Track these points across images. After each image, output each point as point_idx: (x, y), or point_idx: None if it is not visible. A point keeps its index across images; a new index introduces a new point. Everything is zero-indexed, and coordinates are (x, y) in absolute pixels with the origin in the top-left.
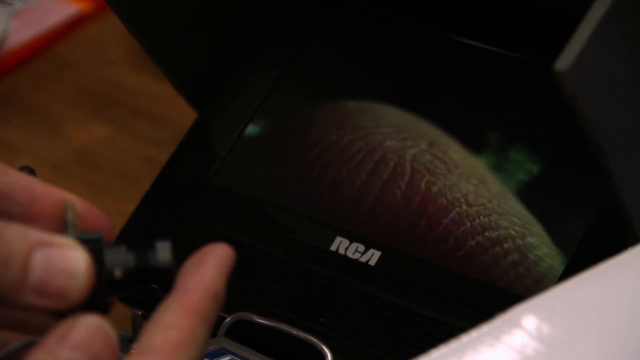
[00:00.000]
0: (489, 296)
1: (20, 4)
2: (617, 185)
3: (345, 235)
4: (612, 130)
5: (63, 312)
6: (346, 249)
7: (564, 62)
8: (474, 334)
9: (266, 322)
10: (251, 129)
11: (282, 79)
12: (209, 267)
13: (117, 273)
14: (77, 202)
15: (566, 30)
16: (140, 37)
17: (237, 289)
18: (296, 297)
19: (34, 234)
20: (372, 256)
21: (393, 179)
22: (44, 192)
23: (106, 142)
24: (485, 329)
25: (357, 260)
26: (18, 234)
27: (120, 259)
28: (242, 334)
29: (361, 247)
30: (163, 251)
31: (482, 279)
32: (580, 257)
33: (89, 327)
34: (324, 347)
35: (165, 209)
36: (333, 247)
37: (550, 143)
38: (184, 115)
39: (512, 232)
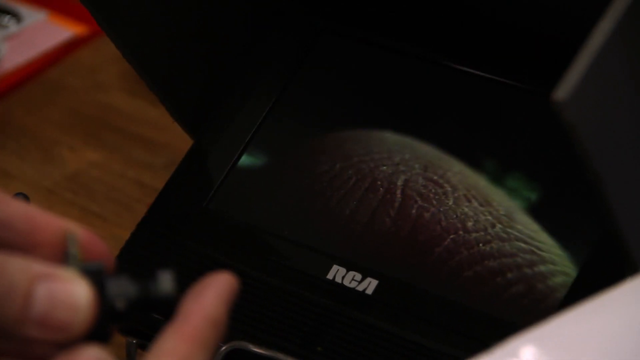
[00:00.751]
0: (487, 326)
1: (15, 28)
2: (614, 214)
3: (342, 263)
4: (610, 160)
5: (65, 344)
6: (343, 277)
7: (562, 91)
8: None
9: (262, 352)
10: (247, 156)
11: (277, 105)
12: (209, 295)
13: (119, 304)
14: (78, 231)
15: (564, 58)
16: (135, 64)
17: (233, 317)
18: (292, 326)
19: (36, 267)
20: (369, 285)
21: (383, 206)
22: (44, 221)
23: (100, 167)
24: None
25: (353, 289)
26: (20, 266)
27: (122, 290)
28: None
29: (358, 276)
30: (164, 281)
31: (480, 309)
32: (579, 286)
33: (90, 359)
34: None
35: (161, 235)
36: (330, 276)
37: (547, 170)
38: (178, 140)
39: (519, 260)
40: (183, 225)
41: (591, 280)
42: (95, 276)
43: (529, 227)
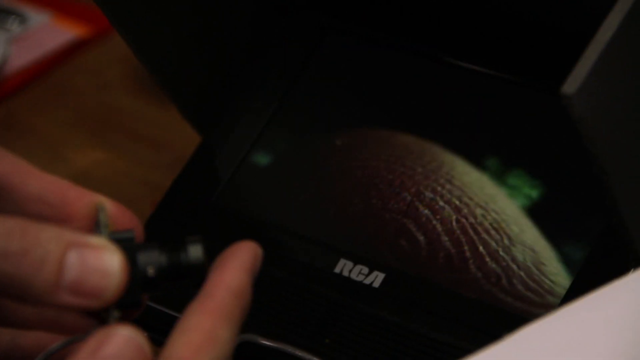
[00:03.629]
0: (493, 317)
1: (19, 30)
2: (619, 207)
3: (349, 257)
4: (617, 153)
5: (98, 311)
6: (350, 270)
7: (571, 85)
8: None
9: (271, 344)
10: (255, 153)
11: (285, 103)
12: (231, 266)
13: (150, 271)
14: (108, 203)
15: (571, 53)
16: (145, 62)
17: None
18: (300, 319)
19: (68, 235)
20: (376, 278)
21: (390, 203)
22: (76, 194)
23: (105, 166)
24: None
25: (361, 282)
26: (52, 235)
27: (152, 258)
28: (247, 355)
29: (365, 269)
30: (194, 249)
31: (487, 301)
32: (583, 278)
33: (123, 339)
34: None
35: (170, 231)
36: (337, 269)
37: (550, 166)
38: (183, 139)
39: (524, 256)
40: (192, 220)
41: (595, 274)
42: (126, 244)
43: (533, 225)
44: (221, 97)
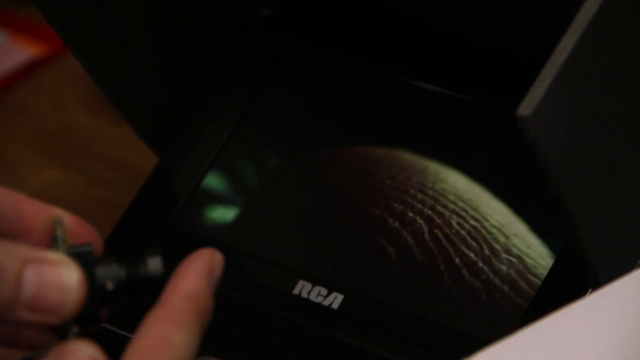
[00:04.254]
0: (453, 340)
1: None
2: (576, 229)
3: (307, 278)
4: (572, 175)
5: (57, 327)
6: (309, 292)
7: (526, 107)
8: None
9: None
10: (213, 173)
11: (242, 124)
12: (186, 272)
13: (109, 286)
14: (65, 217)
15: (528, 74)
16: (100, 82)
17: None
18: (259, 342)
19: (25, 250)
20: (335, 299)
21: (347, 220)
22: (32, 208)
23: (63, 186)
24: None
25: (319, 303)
26: (8, 250)
27: (111, 272)
28: None
29: (324, 291)
30: (153, 261)
31: (447, 324)
32: (542, 298)
33: (82, 355)
34: None
35: (128, 252)
36: (295, 291)
37: (512, 185)
38: (141, 159)
39: (484, 276)
40: (149, 242)
41: (553, 296)
42: (85, 258)
43: (495, 244)
44: (178, 118)
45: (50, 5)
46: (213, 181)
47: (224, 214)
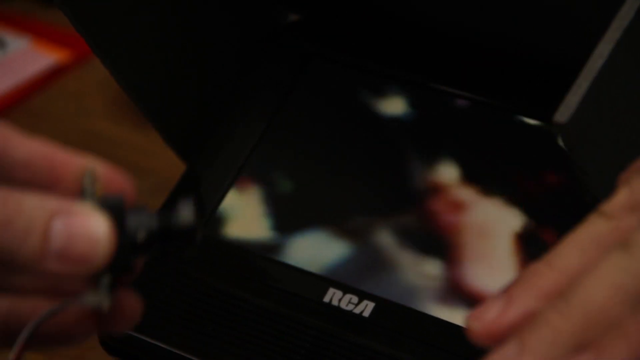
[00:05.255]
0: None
1: None
2: None
3: (338, 286)
4: (608, 182)
5: (90, 277)
6: (340, 300)
7: (563, 113)
8: None
9: None
10: (240, 180)
11: (270, 129)
12: None
13: (140, 235)
14: (98, 166)
15: (560, 84)
16: (127, 88)
17: (231, 342)
18: (290, 349)
19: (52, 202)
20: (366, 307)
21: (375, 225)
22: (64, 158)
23: None
24: None
25: (350, 311)
26: (36, 203)
27: (142, 222)
28: None
29: (354, 299)
30: (185, 212)
31: None
32: None
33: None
34: None
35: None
36: (326, 299)
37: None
38: (164, 165)
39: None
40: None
41: None
42: (114, 208)
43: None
44: (206, 123)
45: (79, 10)
46: (241, 188)
47: (253, 221)
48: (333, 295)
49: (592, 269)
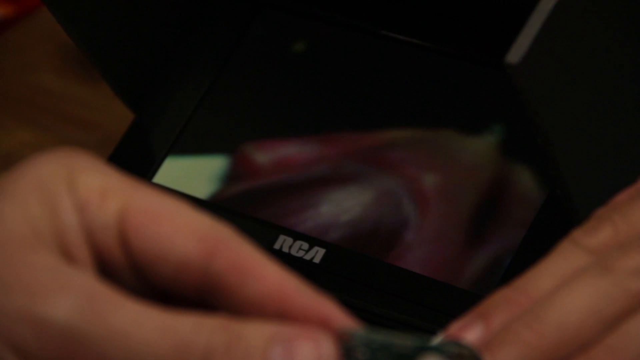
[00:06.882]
0: (435, 291)
1: None
2: (563, 177)
3: (288, 233)
4: (560, 123)
5: None
6: (290, 247)
7: (514, 54)
8: None
9: None
10: (189, 129)
11: (219, 80)
12: None
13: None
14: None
15: (512, 25)
16: (75, 36)
17: None
18: None
19: (272, 327)
20: (317, 254)
21: (330, 178)
22: (300, 306)
23: (33, 147)
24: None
25: (301, 258)
26: (256, 328)
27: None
28: None
29: (305, 245)
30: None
31: (428, 275)
32: (526, 247)
33: None
34: None
35: None
36: (277, 246)
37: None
38: (111, 118)
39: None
40: None
41: (537, 245)
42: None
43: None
44: (155, 73)
45: None
46: (190, 137)
47: (202, 169)
48: (283, 242)
49: (567, 288)
